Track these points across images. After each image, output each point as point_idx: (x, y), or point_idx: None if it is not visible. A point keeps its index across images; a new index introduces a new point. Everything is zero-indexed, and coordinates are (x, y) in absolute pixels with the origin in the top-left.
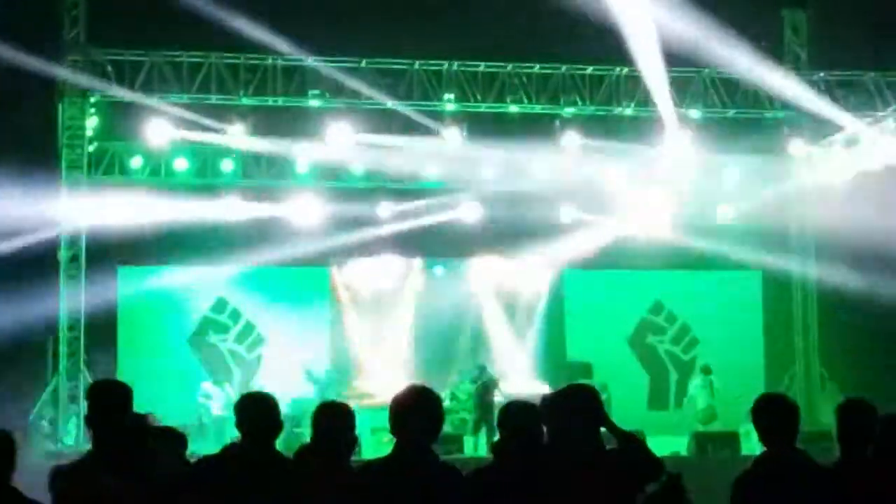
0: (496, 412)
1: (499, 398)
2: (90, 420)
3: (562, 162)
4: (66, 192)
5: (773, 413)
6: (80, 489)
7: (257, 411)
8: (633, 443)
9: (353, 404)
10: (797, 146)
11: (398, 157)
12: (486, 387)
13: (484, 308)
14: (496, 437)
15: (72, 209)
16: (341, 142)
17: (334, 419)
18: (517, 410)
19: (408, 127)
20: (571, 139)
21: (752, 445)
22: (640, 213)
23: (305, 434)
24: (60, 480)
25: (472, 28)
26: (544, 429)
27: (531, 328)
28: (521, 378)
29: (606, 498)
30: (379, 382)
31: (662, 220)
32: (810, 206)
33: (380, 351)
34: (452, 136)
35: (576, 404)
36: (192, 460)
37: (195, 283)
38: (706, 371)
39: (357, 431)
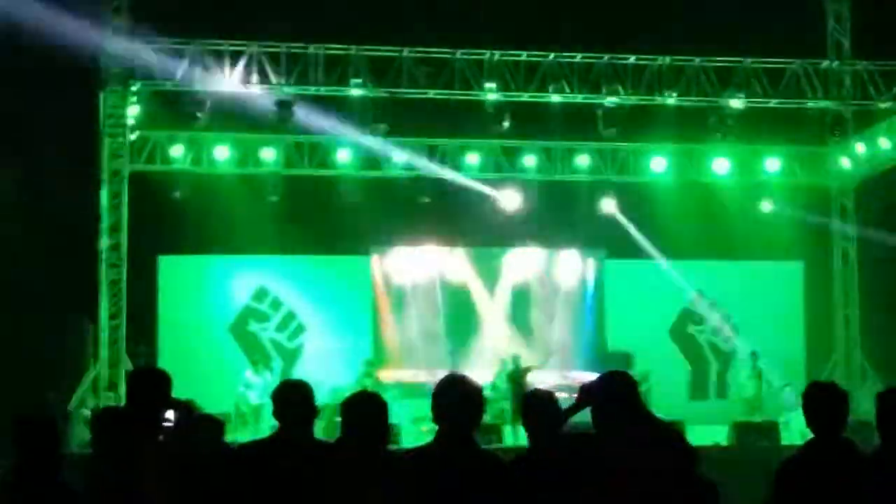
0: None
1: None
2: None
3: (603, 152)
4: (108, 180)
5: (822, 401)
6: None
7: (292, 399)
8: (669, 432)
9: (391, 393)
10: (840, 136)
11: (440, 146)
12: (519, 375)
13: (525, 298)
14: None
15: (113, 197)
16: (381, 130)
17: (364, 409)
18: (534, 402)
19: (449, 116)
20: (613, 129)
21: (791, 435)
22: (681, 204)
23: None
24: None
25: (514, 17)
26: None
27: (572, 318)
28: (561, 368)
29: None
30: (419, 372)
31: (703, 208)
32: (852, 197)
33: (421, 340)
34: (494, 126)
35: (611, 391)
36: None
37: (236, 271)
38: (755, 357)
39: (397, 421)
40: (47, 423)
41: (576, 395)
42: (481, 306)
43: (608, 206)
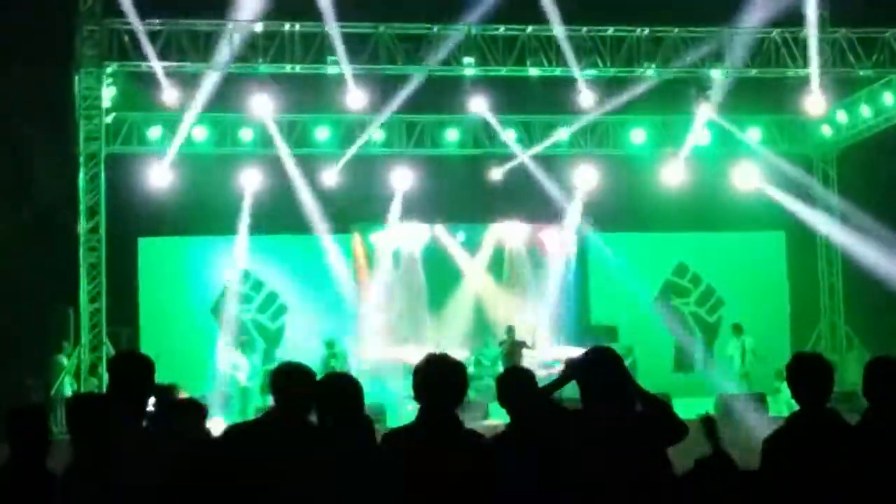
0: None
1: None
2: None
3: (583, 125)
4: (84, 162)
5: (807, 372)
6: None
7: (295, 381)
8: (657, 405)
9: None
10: (819, 105)
11: (418, 122)
12: (512, 348)
13: (508, 273)
14: None
15: (90, 180)
16: (360, 108)
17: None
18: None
19: (427, 92)
20: (591, 101)
21: (779, 406)
22: (661, 175)
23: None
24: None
25: None
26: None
27: (555, 292)
28: (545, 342)
29: (630, 460)
30: (403, 349)
31: (684, 180)
32: (834, 165)
33: (402, 318)
34: (473, 101)
35: (594, 366)
36: (214, 430)
37: (216, 253)
38: (738, 331)
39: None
40: (37, 413)
41: (561, 370)
42: (464, 282)
43: (588, 177)
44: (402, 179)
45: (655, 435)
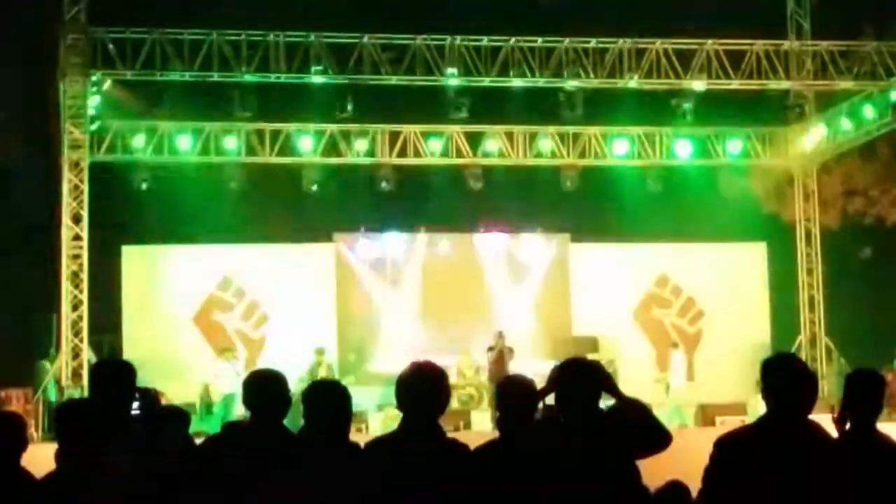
0: None
1: (512, 368)
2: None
3: (566, 136)
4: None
5: (780, 373)
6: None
7: (265, 388)
8: (643, 413)
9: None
10: (800, 117)
11: (402, 131)
12: (501, 355)
13: (489, 282)
14: None
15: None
16: (344, 117)
17: (326, 398)
18: (511, 387)
19: (411, 101)
20: (575, 112)
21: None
22: (644, 186)
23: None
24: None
25: (474, 2)
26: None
27: (536, 302)
28: (527, 353)
29: (610, 468)
30: (385, 359)
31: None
32: (815, 177)
33: (386, 326)
34: (457, 110)
35: (582, 378)
36: (197, 439)
37: (199, 261)
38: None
39: (364, 408)
40: (13, 419)
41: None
42: (445, 291)
43: (571, 188)
44: (384, 188)
45: (637, 444)
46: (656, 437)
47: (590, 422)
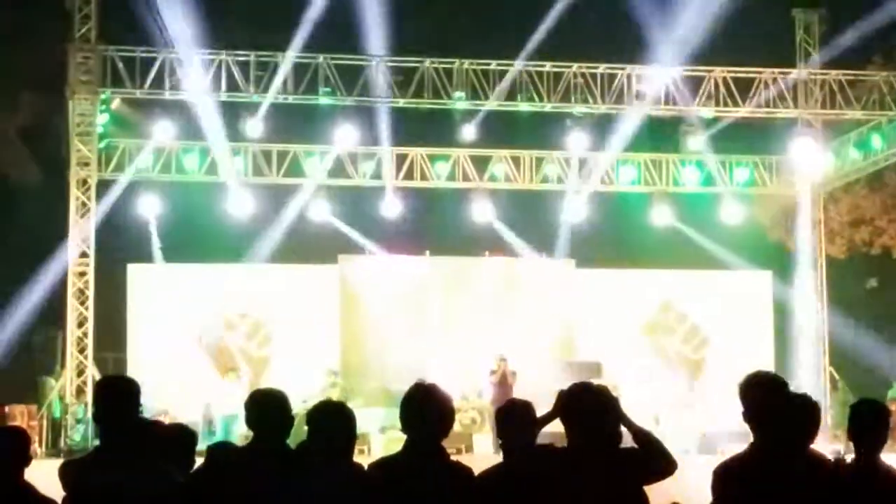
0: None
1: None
2: (98, 417)
3: (572, 160)
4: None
5: (758, 392)
6: (90, 481)
7: (267, 408)
8: (648, 439)
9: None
10: (808, 146)
11: (409, 155)
12: (504, 378)
13: (492, 306)
14: None
15: (81, 206)
16: (352, 139)
17: (331, 419)
18: (510, 412)
19: (419, 124)
20: (582, 138)
21: None
22: (651, 212)
23: None
24: (71, 473)
25: (483, 26)
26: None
27: (540, 326)
28: (530, 377)
29: (617, 494)
30: (389, 381)
31: (672, 219)
32: (821, 206)
33: (389, 348)
34: (463, 134)
35: (588, 403)
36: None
37: (205, 280)
38: None
39: (367, 430)
40: (18, 434)
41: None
42: (449, 314)
43: (577, 213)
44: (391, 211)
45: (643, 471)
46: (662, 464)
47: (597, 447)
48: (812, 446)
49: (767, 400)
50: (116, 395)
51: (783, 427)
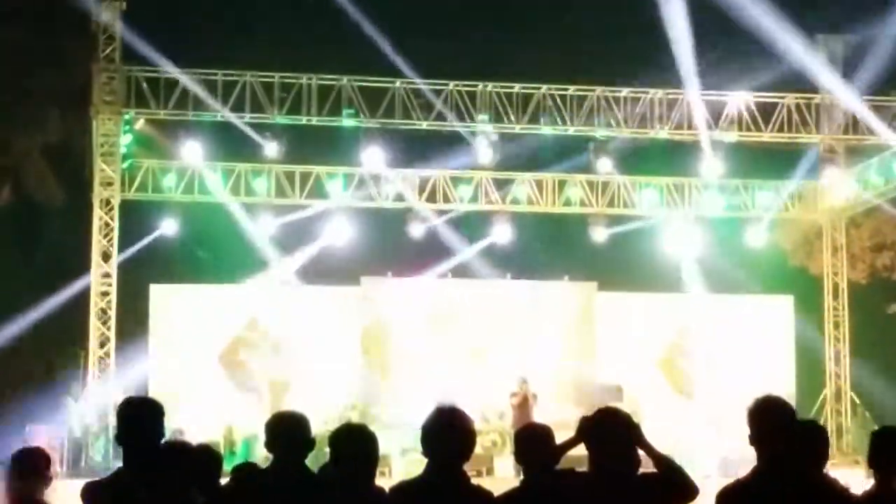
0: None
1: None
2: (120, 438)
3: (595, 184)
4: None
5: (767, 416)
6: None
7: (288, 430)
8: (670, 465)
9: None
10: (832, 171)
11: (432, 177)
12: (525, 401)
13: (514, 329)
14: None
15: (104, 225)
16: (375, 161)
17: (352, 441)
18: (529, 436)
19: (442, 147)
20: (605, 161)
21: None
22: (672, 237)
23: None
24: (93, 494)
25: (507, 48)
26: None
27: (561, 349)
28: (551, 400)
29: None
30: (410, 403)
31: (694, 243)
32: (843, 231)
33: (410, 370)
34: (486, 156)
35: (611, 428)
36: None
37: (227, 301)
38: None
39: (386, 452)
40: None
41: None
42: (470, 336)
43: (599, 237)
44: (414, 233)
45: (663, 496)
46: (683, 490)
47: (618, 472)
48: (829, 472)
49: (772, 424)
50: (139, 416)
51: (785, 451)
